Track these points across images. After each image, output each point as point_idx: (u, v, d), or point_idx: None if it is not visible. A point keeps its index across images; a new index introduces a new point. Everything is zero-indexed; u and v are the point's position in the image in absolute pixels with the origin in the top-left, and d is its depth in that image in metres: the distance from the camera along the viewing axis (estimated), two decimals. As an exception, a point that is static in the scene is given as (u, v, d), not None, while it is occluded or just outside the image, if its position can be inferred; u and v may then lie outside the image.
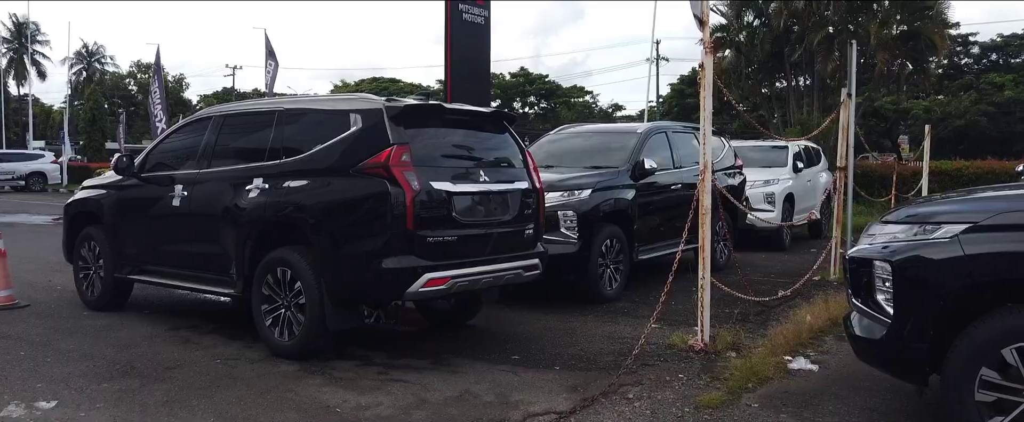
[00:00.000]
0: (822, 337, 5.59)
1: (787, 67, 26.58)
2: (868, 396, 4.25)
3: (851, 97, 8.32)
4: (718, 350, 5.18)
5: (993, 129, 38.21)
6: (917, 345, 3.36)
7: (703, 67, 5.30)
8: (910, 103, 39.06)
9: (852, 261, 3.79)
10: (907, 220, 3.60)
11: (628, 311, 6.71)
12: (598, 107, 57.61)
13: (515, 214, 5.40)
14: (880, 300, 3.53)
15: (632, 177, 7.57)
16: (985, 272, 3.22)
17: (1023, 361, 3.08)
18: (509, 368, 4.88)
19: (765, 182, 11.50)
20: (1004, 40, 44.21)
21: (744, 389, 4.36)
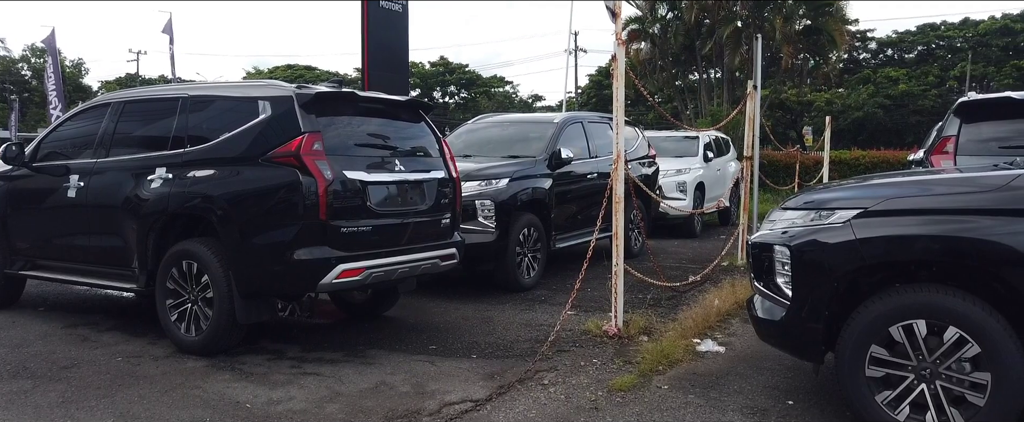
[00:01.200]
0: (729, 320, 5.81)
1: (699, 60, 27.40)
2: (770, 375, 4.45)
3: (757, 89, 8.64)
4: (631, 335, 5.31)
5: (889, 121, 40.43)
6: (813, 325, 3.54)
7: (616, 59, 5.40)
8: (813, 95, 40.87)
9: (754, 246, 3.95)
10: (804, 207, 3.78)
11: (545, 299, 6.79)
12: (518, 97, 57.87)
13: (431, 204, 5.37)
14: (780, 283, 3.70)
15: (549, 167, 7.65)
16: (874, 254, 3.41)
17: (908, 338, 3.29)
18: (426, 358, 4.87)
19: (677, 171, 11.83)
20: (899, 36, 46.81)
21: (655, 372, 4.49)
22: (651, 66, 27.84)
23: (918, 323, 3.26)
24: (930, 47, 45.48)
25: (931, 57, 44.99)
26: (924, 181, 3.80)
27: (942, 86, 40.30)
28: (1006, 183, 3.26)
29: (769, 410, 3.85)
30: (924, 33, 45.63)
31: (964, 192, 3.42)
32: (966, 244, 3.22)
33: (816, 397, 4.03)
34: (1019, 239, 3.09)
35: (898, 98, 40.68)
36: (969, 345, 3.16)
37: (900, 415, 3.31)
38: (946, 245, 3.28)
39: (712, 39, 25.22)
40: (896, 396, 3.32)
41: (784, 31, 24.22)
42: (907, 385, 3.30)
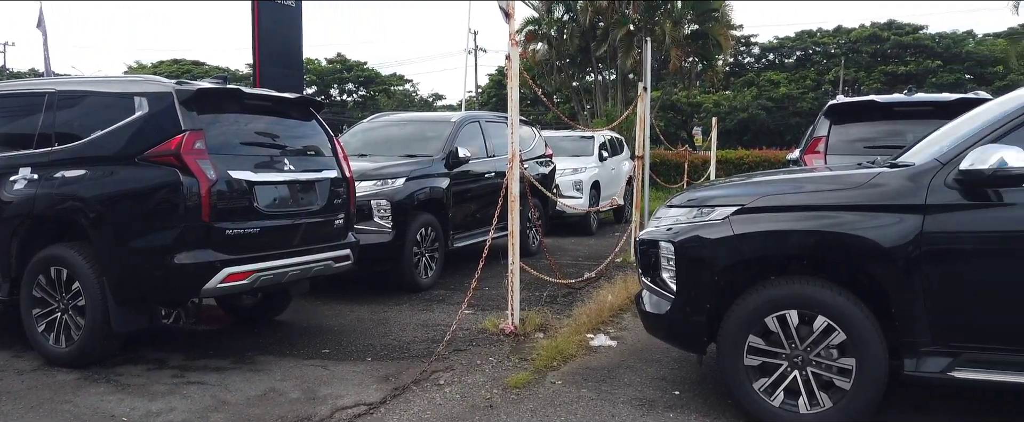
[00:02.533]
0: (621, 315, 5.97)
1: (594, 61, 28.04)
2: (659, 367, 4.61)
3: (647, 91, 8.93)
4: (527, 332, 5.37)
5: (771, 121, 42.76)
6: (696, 318, 3.69)
7: (510, 59, 5.45)
8: (702, 97, 42.70)
9: (642, 243, 4.08)
10: (688, 204, 3.93)
11: (443, 298, 6.77)
12: (418, 96, 57.43)
13: (324, 204, 5.24)
14: (665, 278, 3.84)
15: (446, 166, 7.63)
16: (751, 249, 3.59)
17: (782, 328, 3.49)
18: (319, 362, 4.75)
19: (574, 170, 12.06)
20: (779, 42, 49.57)
21: (550, 368, 4.56)
22: (548, 67, 28.28)
23: (790, 313, 3.46)
24: (808, 52, 48.38)
25: (809, 62, 47.88)
26: (796, 179, 4.04)
27: (818, 89, 42.96)
28: (868, 181, 3.50)
29: (657, 401, 3.99)
30: (802, 39, 48.47)
31: (831, 189, 3.64)
32: (833, 238, 3.44)
33: (701, 387, 4.20)
34: (879, 233, 3.33)
35: (779, 100, 43.10)
36: (836, 333, 3.38)
37: (775, 401, 3.50)
38: (815, 239, 3.49)
39: (606, 41, 25.88)
40: (772, 383, 3.51)
41: (673, 35, 25.17)
42: (781, 372, 3.50)
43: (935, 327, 3.26)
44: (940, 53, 42.64)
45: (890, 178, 3.44)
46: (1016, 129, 3.26)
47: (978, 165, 3.12)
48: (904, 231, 3.28)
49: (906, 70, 41.31)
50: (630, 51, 25.09)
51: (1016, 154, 3.06)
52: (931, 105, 5.98)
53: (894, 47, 43.80)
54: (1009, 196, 3.16)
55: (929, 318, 3.26)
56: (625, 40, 25.24)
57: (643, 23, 25.76)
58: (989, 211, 3.19)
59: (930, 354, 3.29)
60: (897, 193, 3.36)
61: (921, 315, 3.27)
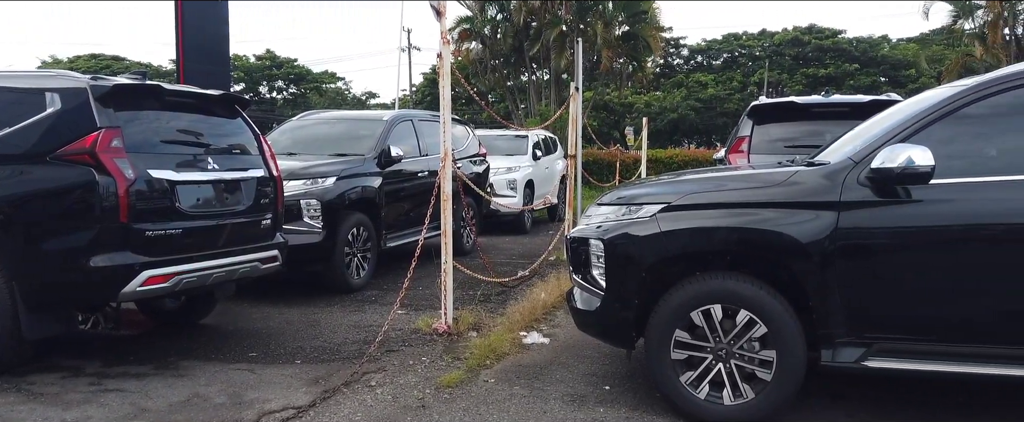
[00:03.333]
0: (554, 312, 6.03)
1: (528, 61, 28.21)
2: (590, 363, 4.67)
3: (578, 91, 9.04)
4: (461, 331, 5.37)
5: (700, 122, 43.87)
6: (625, 314, 3.76)
7: (441, 57, 5.43)
8: (634, 98, 43.47)
9: (572, 241, 4.12)
10: (617, 202, 4.00)
11: (375, 299, 6.70)
12: (351, 94, 56.57)
13: (250, 204, 5.11)
14: (595, 275, 3.89)
15: (378, 165, 7.55)
16: (676, 246, 3.68)
17: (707, 322, 3.58)
18: (246, 366, 4.63)
19: (508, 169, 12.11)
20: (707, 44, 50.88)
21: (483, 366, 4.57)
22: (482, 66, 28.29)
23: (715, 308, 3.55)
24: (734, 55, 49.81)
25: (735, 64, 49.31)
26: (720, 177, 4.15)
27: (745, 90, 44.27)
28: (786, 179, 3.63)
29: (588, 396, 4.04)
30: (728, 42, 49.88)
31: (752, 187, 3.76)
32: (754, 234, 3.55)
33: (630, 381, 4.28)
34: (797, 229, 3.45)
35: (707, 101, 44.23)
36: (758, 326, 3.49)
37: (701, 393, 3.60)
38: (738, 235, 3.60)
39: (539, 41, 26.08)
40: (698, 376, 3.61)
41: (605, 36, 25.54)
42: (706, 365, 3.60)
43: (849, 319, 3.41)
44: (858, 57, 44.53)
45: (807, 176, 3.57)
46: (923, 129, 3.42)
47: (888, 163, 3.28)
48: (820, 227, 3.41)
49: (826, 73, 42.99)
50: (563, 51, 25.37)
51: (922, 153, 3.22)
52: (847, 106, 6.26)
53: (815, 51, 45.51)
54: (916, 193, 3.33)
55: (844, 310, 3.40)
56: (558, 40, 25.49)
57: (575, 24, 26.05)
58: (898, 207, 3.35)
59: (845, 345, 3.43)
60: (814, 191, 3.49)
61: (836, 307, 3.41)
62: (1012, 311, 3.25)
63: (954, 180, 3.31)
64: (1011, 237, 3.23)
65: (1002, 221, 3.23)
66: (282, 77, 51.07)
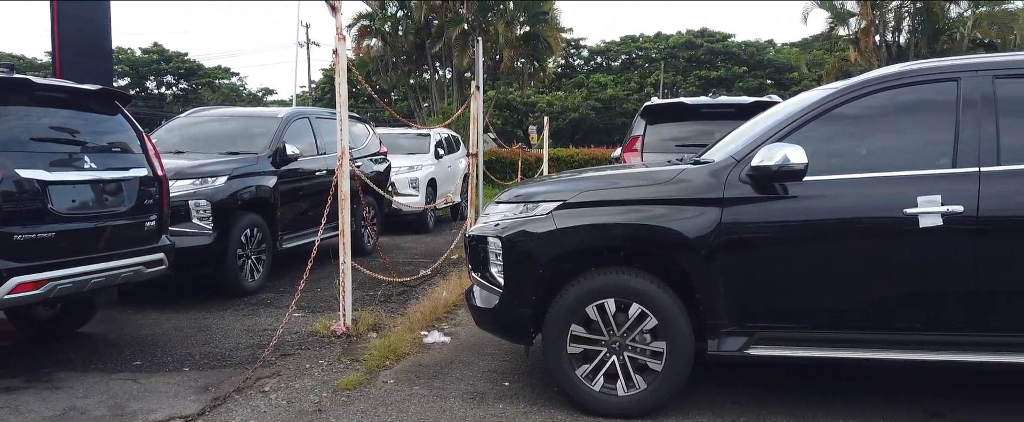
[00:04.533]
0: (456, 311, 6.03)
1: (430, 59, 28.06)
2: (490, 360, 4.70)
3: (479, 89, 9.07)
4: (360, 332, 5.29)
5: (600, 121, 44.94)
6: (523, 310, 3.81)
7: (337, 54, 5.33)
8: (536, 97, 44.05)
9: (471, 239, 4.14)
10: (515, 200, 4.04)
11: (271, 302, 6.50)
12: (247, 90, 54.57)
13: (132, 205, 4.85)
14: (494, 272, 3.92)
15: (273, 163, 7.33)
16: (572, 242, 3.75)
17: (602, 316, 3.68)
18: (129, 376, 4.39)
19: (410, 168, 12.01)
20: (606, 46, 52.17)
21: (382, 367, 4.52)
22: (384, 63, 27.92)
23: (608, 302, 3.65)
24: (632, 56, 51.32)
25: (633, 65, 50.81)
26: (614, 175, 4.27)
27: (642, 91, 45.67)
28: (674, 177, 3.77)
29: (487, 393, 4.07)
30: (626, 44, 51.33)
31: (643, 185, 3.89)
32: (645, 230, 3.67)
33: (529, 377, 4.34)
34: (684, 224, 3.59)
35: (607, 101, 45.37)
36: (649, 319, 3.62)
37: (596, 385, 3.69)
38: (630, 231, 3.71)
39: (441, 39, 25.98)
40: (593, 368, 3.70)
41: (506, 35, 25.73)
42: (601, 358, 3.69)
43: (733, 309, 3.58)
44: (746, 60, 46.81)
45: (693, 174, 3.73)
46: (798, 129, 3.64)
47: (766, 162, 3.46)
48: (706, 222, 3.57)
49: (717, 75, 44.95)
50: (466, 50, 25.40)
51: (797, 151, 3.42)
52: (732, 107, 6.56)
53: (707, 53, 47.51)
54: (793, 189, 3.53)
55: (728, 302, 3.57)
56: (460, 39, 25.49)
57: (477, 23, 26.11)
58: (776, 203, 3.55)
59: (729, 335, 3.61)
60: (699, 188, 3.65)
61: (721, 299, 3.57)
62: (876, 299, 3.50)
63: (826, 177, 3.53)
64: (875, 230, 3.48)
65: (867, 215, 3.48)
66: (171, 72, 48.71)
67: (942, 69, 3.63)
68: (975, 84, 3.49)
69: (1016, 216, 3.34)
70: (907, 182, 3.44)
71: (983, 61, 3.62)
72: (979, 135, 3.42)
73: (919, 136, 3.62)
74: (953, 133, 3.46)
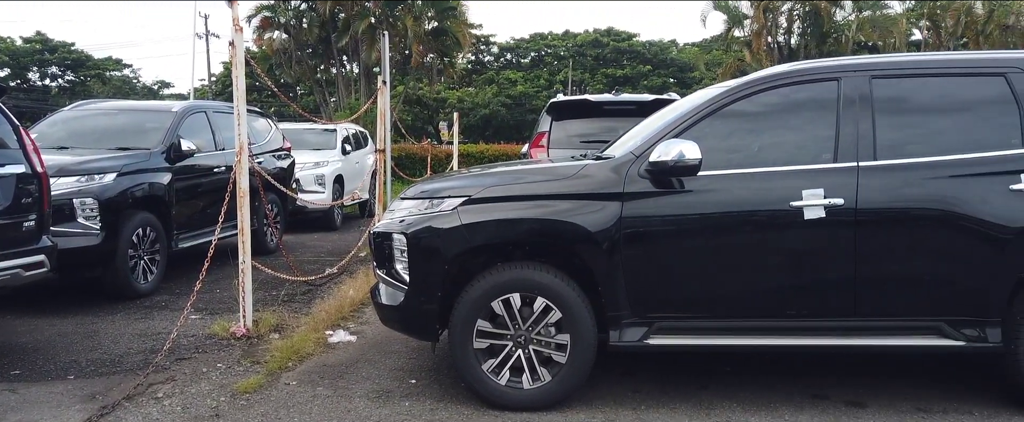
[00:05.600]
0: (363, 309, 5.94)
1: (336, 53, 27.48)
2: (397, 357, 4.66)
3: (386, 84, 8.95)
4: (261, 334, 5.13)
5: (510, 117, 45.21)
6: (428, 306, 3.79)
7: (234, 46, 5.14)
8: (447, 93, 43.90)
9: (376, 236, 4.08)
10: (420, 196, 4.01)
11: (166, 304, 6.21)
12: (141, 83, 51.88)
13: (7, 204, 4.53)
14: (399, 269, 3.89)
15: (168, 159, 7.00)
16: (477, 237, 3.76)
17: (507, 311, 3.70)
18: (5, 386, 4.10)
19: (316, 164, 11.73)
20: (516, 43, 52.51)
21: (284, 369, 4.40)
22: (287, 56, 27.13)
23: (514, 296, 3.68)
24: (541, 54, 51.87)
25: (542, 62, 51.38)
26: (518, 171, 4.31)
27: (551, 88, 46.23)
28: (577, 172, 3.84)
29: (393, 391, 4.03)
30: (535, 41, 51.85)
31: (547, 180, 3.94)
32: (548, 225, 3.72)
33: (436, 373, 4.33)
34: (587, 219, 3.66)
35: (517, 97, 45.70)
36: (553, 312, 3.67)
37: (502, 380, 3.72)
38: (534, 226, 3.75)
39: (348, 33, 25.47)
40: (499, 363, 3.72)
41: (415, 30, 25.49)
42: (507, 352, 3.72)
43: (633, 301, 3.68)
44: (650, 59, 48.16)
45: (595, 170, 3.80)
46: (693, 126, 3.77)
47: (663, 157, 3.57)
48: (607, 217, 3.65)
49: (623, 73, 46.06)
50: (373, 44, 25.01)
51: (692, 147, 3.55)
52: (634, 104, 6.74)
53: (613, 52, 48.59)
54: (688, 184, 3.66)
55: (628, 293, 3.67)
56: (367, 33, 25.06)
57: (384, 17, 25.74)
58: (673, 197, 3.67)
59: (630, 325, 3.71)
60: (601, 183, 3.73)
61: (622, 291, 3.67)
62: (766, 288, 3.68)
63: (719, 172, 3.67)
64: (765, 222, 3.64)
65: (757, 208, 3.64)
66: (56, 63, 45.74)
67: (824, 69, 3.84)
68: (854, 84, 3.71)
69: (890, 208, 3.57)
70: (793, 176, 3.63)
71: (861, 62, 3.85)
72: (857, 132, 3.64)
73: (804, 132, 3.82)
74: (834, 130, 3.67)
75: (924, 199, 3.55)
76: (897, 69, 3.82)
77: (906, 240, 3.58)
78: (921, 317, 3.61)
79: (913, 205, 3.56)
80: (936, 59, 4.01)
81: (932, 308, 3.60)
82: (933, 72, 3.81)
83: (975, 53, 4.17)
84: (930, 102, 3.77)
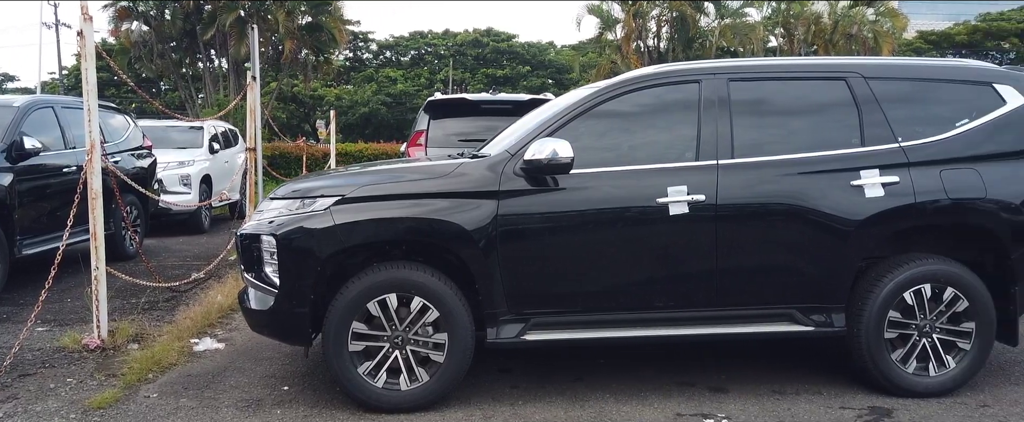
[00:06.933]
0: (232, 315, 5.67)
1: (202, 46, 26.11)
2: (268, 364, 4.48)
3: (256, 80, 8.59)
4: (118, 345, 4.80)
5: (391, 116, 44.54)
6: (300, 310, 3.67)
7: (83, 36, 4.77)
8: (324, 91, 42.70)
9: (243, 238, 3.90)
10: (291, 195, 3.87)
11: (8, 316, 5.68)
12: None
13: None
14: (268, 272, 3.74)
15: (8, 158, 6.41)
16: (352, 238, 3.68)
17: (383, 312, 3.64)
18: None
19: (181, 163, 11.10)
20: (395, 40, 51.82)
21: (144, 381, 4.14)
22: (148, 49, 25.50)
23: (390, 297, 3.63)
24: (421, 52, 51.47)
25: (422, 61, 50.99)
26: (394, 170, 4.25)
27: (432, 87, 45.98)
28: (453, 171, 3.83)
29: (264, 399, 3.87)
30: (415, 40, 51.40)
31: (423, 179, 3.90)
32: (424, 224, 3.69)
33: (310, 379, 4.19)
34: (463, 217, 3.66)
35: (397, 96, 45.12)
36: (430, 311, 3.64)
37: (379, 382, 3.66)
38: (411, 225, 3.70)
39: (214, 26, 24.23)
40: (375, 365, 3.66)
41: (287, 25, 24.62)
42: (384, 353, 3.66)
43: (510, 298, 3.72)
44: (529, 60, 48.87)
45: (471, 168, 3.81)
46: (566, 125, 3.85)
47: (537, 156, 3.63)
48: (483, 215, 3.66)
49: (503, 73, 46.49)
50: (243, 38, 23.90)
51: (564, 146, 3.63)
52: (511, 104, 6.82)
53: (493, 52, 48.94)
54: (562, 181, 3.73)
55: (505, 290, 3.70)
56: (236, 26, 23.92)
57: (253, 10, 24.68)
58: (547, 195, 3.73)
59: (507, 322, 3.74)
60: (477, 181, 3.74)
61: (499, 288, 3.69)
62: (636, 281, 3.82)
63: (591, 170, 3.77)
64: (634, 218, 3.77)
65: (626, 204, 3.76)
66: None
67: (686, 72, 4.03)
68: (713, 86, 3.92)
69: (747, 203, 3.79)
70: (659, 174, 3.79)
71: (719, 66, 4.07)
72: (717, 131, 3.84)
73: (669, 132, 4.00)
74: (696, 130, 3.86)
75: (777, 195, 3.79)
76: (752, 73, 4.07)
77: (761, 233, 3.81)
78: (775, 305, 3.86)
79: (767, 200, 3.80)
80: (786, 64, 4.30)
81: (784, 296, 3.86)
82: (784, 76, 4.08)
83: (821, 58, 4.51)
84: (782, 104, 4.04)
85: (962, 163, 3.86)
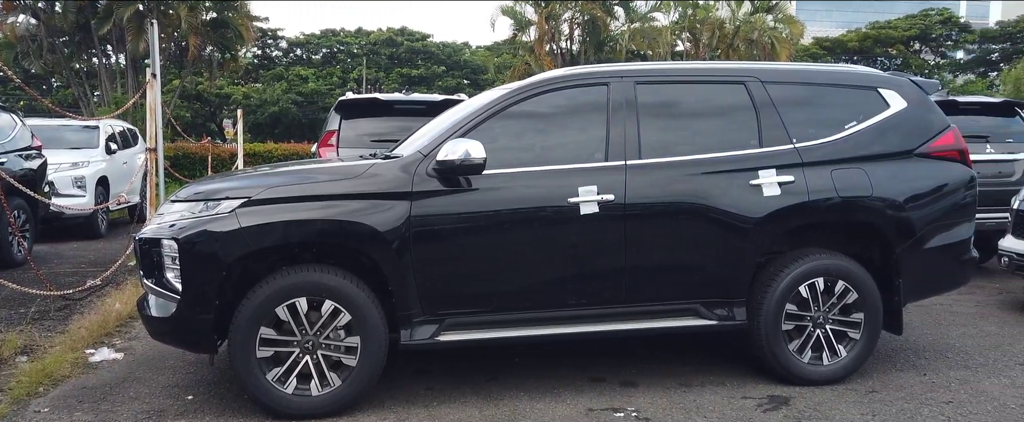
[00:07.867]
0: (132, 323, 5.41)
1: (97, 41, 24.76)
2: (171, 374, 4.30)
3: (156, 77, 8.22)
4: (5, 358, 4.50)
5: (301, 115, 43.52)
6: (204, 316, 3.54)
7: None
8: (231, 89, 41.29)
9: (143, 242, 3.73)
10: (193, 198, 3.73)
11: None
12: None
13: None
14: (170, 278, 3.59)
15: None
16: (259, 241, 3.57)
17: (293, 316, 3.55)
18: None
19: (74, 165, 10.49)
20: (306, 38, 50.60)
21: (33, 395, 3.91)
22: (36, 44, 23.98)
23: (300, 301, 3.55)
24: (333, 50, 50.48)
25: (334, 60, 50.02)
26: (302, 171, 4.16)
27: (344, 86, 45.18)
28: (365, 171, 3.78)
29: (167, 410, 3.72)
30: (327, 37, 50.37)
31: (334, 180, 3.83)
32: (335, 226, 3.63)
33: (216, 388, 4.05)
34: (375, 218, 3.61)
35: (309, 95, 44.11)
36: (342, 315, 3.58)
37: (289, 388, 3.57)
38: (321, 227, 3.63)
39: (110, 20, 23.02)
40: (285, 371, 3.56)
41: (190, 20, 23.65)
42: (294, 359, 3.58)
43: (423, 299, 3.70)
44: (444, 60, 48.74)
45: (384, 169, 3.77)
46: (479, 125, 3.87)
47: (450, 156, 3.63)
48: (396, 216, 3.63)
49: (418, 73, 46.18)
50: (141, 33, 22.83)
51: (477, 146, 3.64)
52: (424, 104, 6.79)
53: (407, 52, 48.54)
54: (475, 182, 3.74)
55: (419, 291, 3.68)
56: (133, 21, 22.79)
57: (154, 4, 23.58)
58: (459, 195, 3.73)
59: (421, 324, 3.72)
60: (390, 182, 3.70)
61: (412, 290, 3.67)
62: (549, 280, 3.87)
63: (503, 170, 3.80)
64: (546, 218, 3.82)
65: (539, 205, 3.81)
66: None
67: (595, 75, 4.12)
68: (621, 88, 4.02)
69: (654, 202, 3.90)
70: (570, 174, 3.85)
71: (626, 69, 4.18)
72: (625, 133, 3.94)
73: (580, 133, 4.08)
74: (606, 131, 3.95)
75: (681, 194, 3.93)
76: (657, 76, 4.20)
77: (667, 231, 3.94)
78: (681, 300, 4.00)
79: (672, 199, 3.92)
80: (690, 68, 4.46)
81: (689, 292, 4.00)
82: (688, 79, 4.24)
83: (722, 63, 4.69)
84: (686, 106, 4.19)
85: (851, 163, 4.10)
